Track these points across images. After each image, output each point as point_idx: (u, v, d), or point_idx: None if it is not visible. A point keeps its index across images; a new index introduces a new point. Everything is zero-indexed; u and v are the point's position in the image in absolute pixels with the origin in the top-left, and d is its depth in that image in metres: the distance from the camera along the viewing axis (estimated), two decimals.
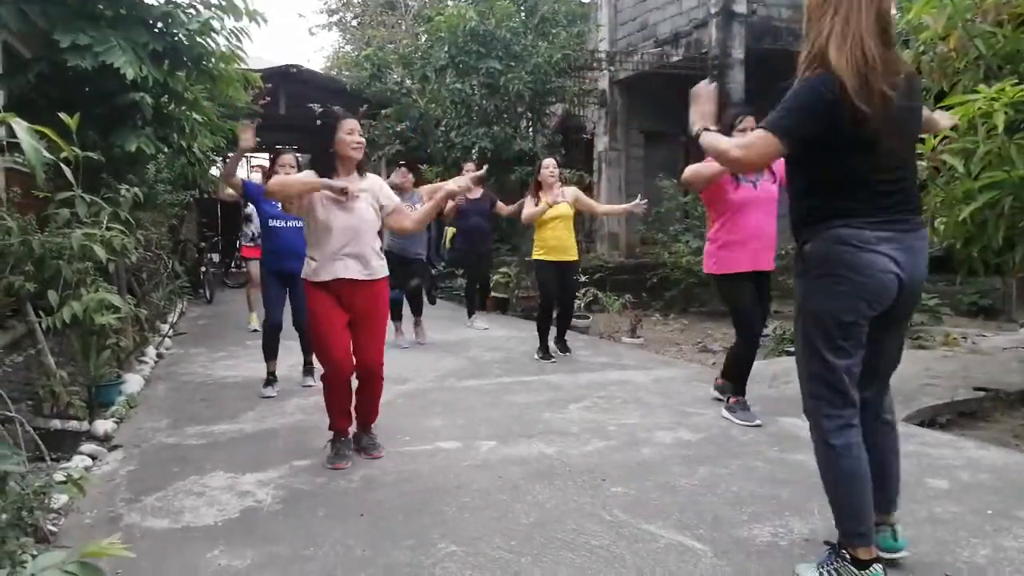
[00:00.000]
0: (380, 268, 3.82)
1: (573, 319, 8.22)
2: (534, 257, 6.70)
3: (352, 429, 3.94)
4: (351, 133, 3.75)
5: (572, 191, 6.68)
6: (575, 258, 6.67)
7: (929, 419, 4.72)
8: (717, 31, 11.14)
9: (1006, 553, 2.71)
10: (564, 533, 2.91)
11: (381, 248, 3.92)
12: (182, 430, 4.39)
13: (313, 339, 3.86)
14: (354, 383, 3.85)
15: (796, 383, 5.47)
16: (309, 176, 3.74)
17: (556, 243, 6.47)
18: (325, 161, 3.80)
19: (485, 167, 5.07)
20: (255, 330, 8.10)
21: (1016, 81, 4.23)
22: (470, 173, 8.40)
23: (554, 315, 6.68)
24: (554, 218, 6.41)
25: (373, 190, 3.84)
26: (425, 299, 7.79)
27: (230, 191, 5.82)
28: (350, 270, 3.71)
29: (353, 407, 3.91)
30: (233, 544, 2.85)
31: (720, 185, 4.49)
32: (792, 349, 6.83)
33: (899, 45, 5.29)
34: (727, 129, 4.52)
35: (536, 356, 6.58)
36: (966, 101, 4.29)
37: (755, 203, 4.53)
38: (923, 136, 4.55)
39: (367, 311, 3.78)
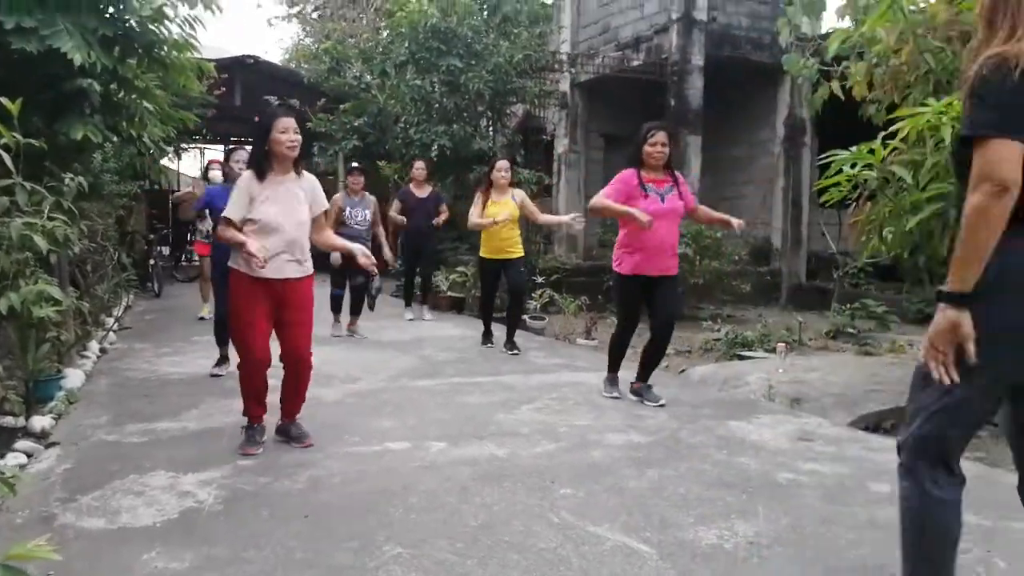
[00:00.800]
0: (310, 265, 3.93)
1: (528, 320, 8.25)
2: (480, 255, 6.99)
3: (267, 417, 4.01)
4: (285, 132, 3.74)
5: (520, 194, 6.90)
6: (520, 254, 6.92)
7: (874, 424, 4.80)
8: (678, 37, 11.24)
9: None
10: (511, 535, 2.89)
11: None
12: (123, 427, 4.27)
13: (233, 327, 3.90)
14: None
15: (745, 387, 5.55)
16: (241, 195, 3.77)
17: (500, 243, 6.73)
18: (260, 160, 3.80)
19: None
20: (202, 318, 8.04)
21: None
22: (417, 171, 8.54)
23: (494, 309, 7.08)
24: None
25: (308, 191, 3.90)
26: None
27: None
28: (288, 270, 3.79)
29: (280, 398, 4.00)
30: (171, 545, 2.77)
31: (627, 200, 4.82)
32: (744, 353, 6.94)
33: (854, 57, 5.42)
34: (640, 143, 4.91)
35: (481, 343, 6.97)
36: (916, 114, 4.38)
37: (663, 216, 4.80)
38: (873, 148, 4.67)
39: (298, 304, 3.87)
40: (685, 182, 5.20)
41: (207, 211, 5.86)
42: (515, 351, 6.78)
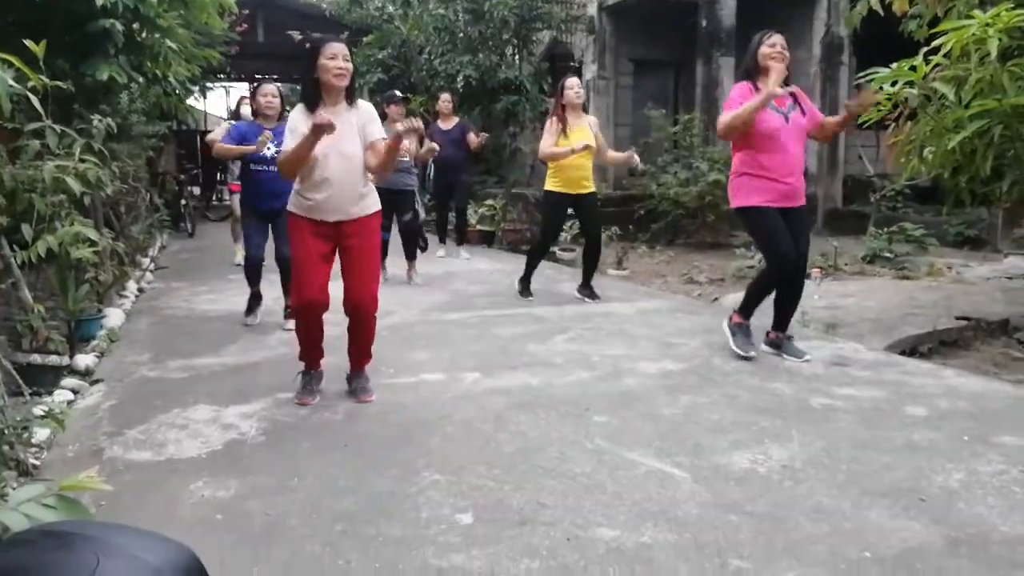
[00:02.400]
0: (372, 203, 3.68)
1: (558, 251, 8.18)
2: (548, 188, 6.08)
3: (324, 363, 3.88)
4: (334, 58, 3.49)
5: (595, 121, 6.11)
6: (593, 189, 6.10)
7: (911, 348, 4.77)
8: None
9: (979, 477, 2.76)
10: (546, 461, 2.94)
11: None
12: (164, 364, 4.38)
13: (292, 271, 3.76)
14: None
15: (772, 316, 5.49)
16: (296, 131, 3.47)
17: (576, 174, 5.89)
18: (310, 90, 3.58)
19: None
20: (239, 264, 8.02)
21: (1012, 6, 4.14)
22: (443, 104, 8.22)
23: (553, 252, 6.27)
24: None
25: (362, 119, 3.63)
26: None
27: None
28: (345, 208, 3.58)
29: (347, 347, 3.82)
30: (217, 475, 2.86)
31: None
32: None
33: None
34: (755, 49, 4.30)
35: (517, 289, 6.35)
36: (960, 27, 4.20)
37: (784, 133, 4.21)
38: (914, 64, 4.48)
39: (358, 248, 3.64)
40: (805, 96, 4.51)
41: None
42: (597, 298, 6.12)
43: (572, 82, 5.96)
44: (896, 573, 2.17)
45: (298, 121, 3.52)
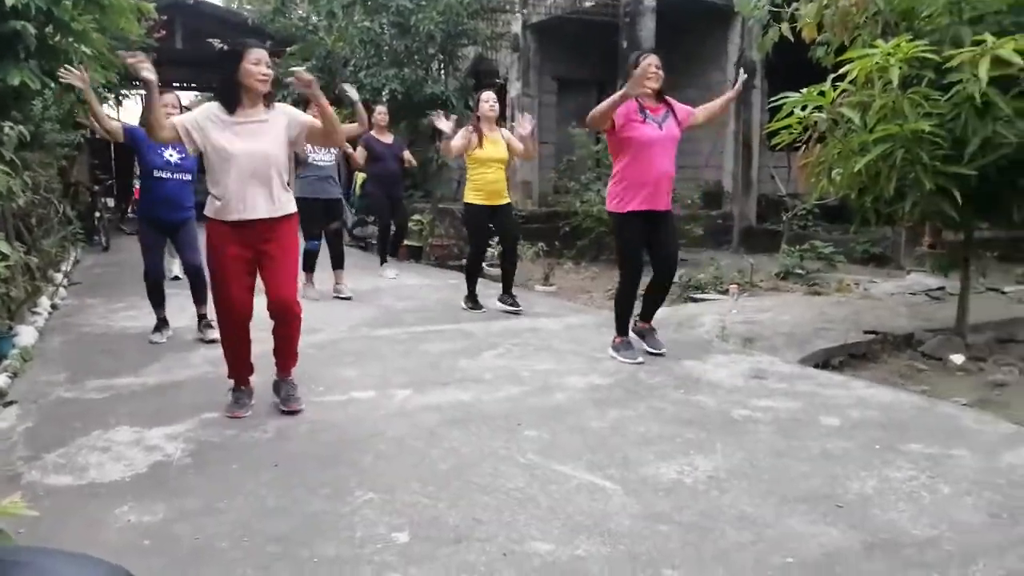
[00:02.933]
0: (288, 203, 3.71)
1: (486, 267, 8.24)
2: (467, 201, 6.36)
3: (253, 378, 3.87)
4: (258, 64, 3.53)
5: (506, 133, 6.38)
6: (509, 201, 6.49)
7: (823, 361, 4.99)
8: None
9: (891, 484, 2.92)
10: (480, 477, 2.97)
11: (292, 191, 3.81)
12: (82, 384, 4.22)
13: (211, 279, 3.72)
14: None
15: (700, 328, 5.69)
16: (209, 119, 3.54)
17: (493, 187, 6.23)
18: (228, 93, 3.58)
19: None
20: (177, 278, 7.77)
21: (911, 38, 4.42)
22: (379, 116, 8.26)
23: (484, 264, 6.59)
24: (492, 160, 6.17)
25: (287, 116, 3.69)
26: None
27: (103, 131, 5.18)
28: (258, 209, 3.59)
29: (273, 351, 3.83)
30: (142, 499, 2.78)
31: (626, 123, 4.56)
32: (697, 296, 7.10)
33: None
34: (631, 68, 4.68)
35: (464, 306, 6.46)
36: (865, 56, 4.46)
37: (659, 143, 4.60)
38: (823, 90, 4.74)
39: (277, 248, 3.67)
40: (677, 102, 4.90)
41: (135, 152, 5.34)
42: (518, 307, 6.38)
43: (487, 96, 6.32)
44: None
45: (208, 113, 3.57)
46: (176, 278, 7.55)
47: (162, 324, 5.31)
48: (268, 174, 3.60)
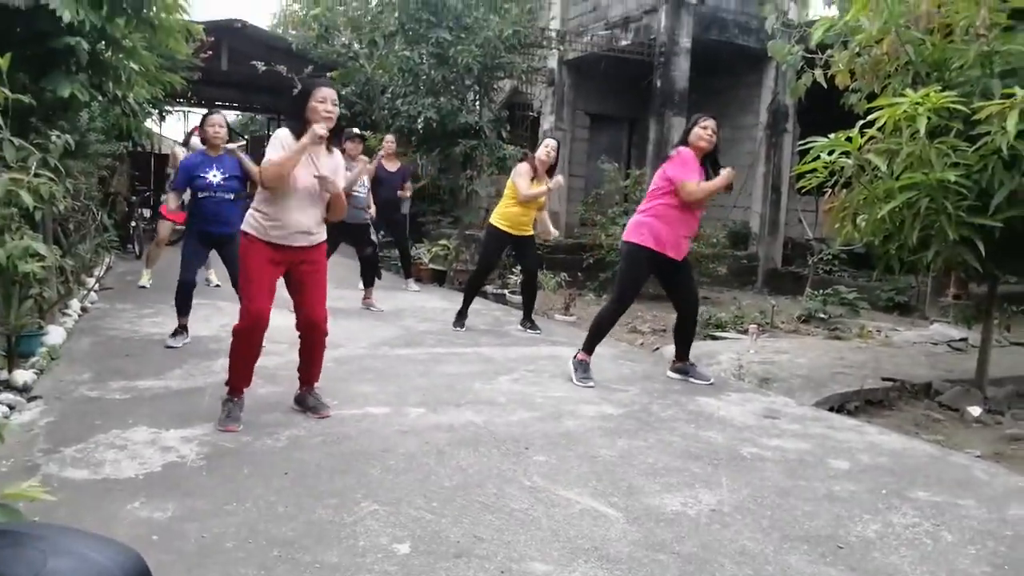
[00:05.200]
0: (321, 233, 3.92)
1: (508, 294, 8.36)
2: (492, 223, 6.60)
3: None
4: (323, 102, 3.66)
5: (552, 183, 6.48)
6: (533, 234, 6.68)
7: (838, 405, 4.97)
8: (666, 18, 11.29)
9: (894, 529, 2.91)
10: (485, 496, 3.01)
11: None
12: (105, 384, 4.33)
13: (243, 292, 3.85)
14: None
15: (717, 366, 5.70)
16: (288, 144, 3.64)
17: (523, 218, 6.48)
18: (299, 123, 3.74)
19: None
20: (143, 287, 7.94)
21: (940, 88, 4.45)
22: (387, 144, 8.64)
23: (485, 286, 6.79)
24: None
25: (332, 165, 3.85)
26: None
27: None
28: (300, 239, 3.78)
29: (297, 367, 4.02)
30: (154, 497, 2.85)
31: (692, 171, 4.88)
32: (718, 334, 7.09)
33: (837, 45, 5.51)
34: (690, 127, 5.02)
35: (453, 325, 6.66)
36: (893, 104, 4.49)
37: (694, 207, 4.94)
38: (850, 135, 4.77)
39: (313, 271, 3.88)
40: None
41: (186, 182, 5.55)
42: (538, 330, 6.73)
43: (550, 143, 6.58)
44: None
45: (285, 140, 3.68)
46: (217, 286, 7.96)
47: (182, 330, 5.45)
48: (317, 203, 3.81)
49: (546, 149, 6.47)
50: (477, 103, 12.16)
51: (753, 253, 12.40)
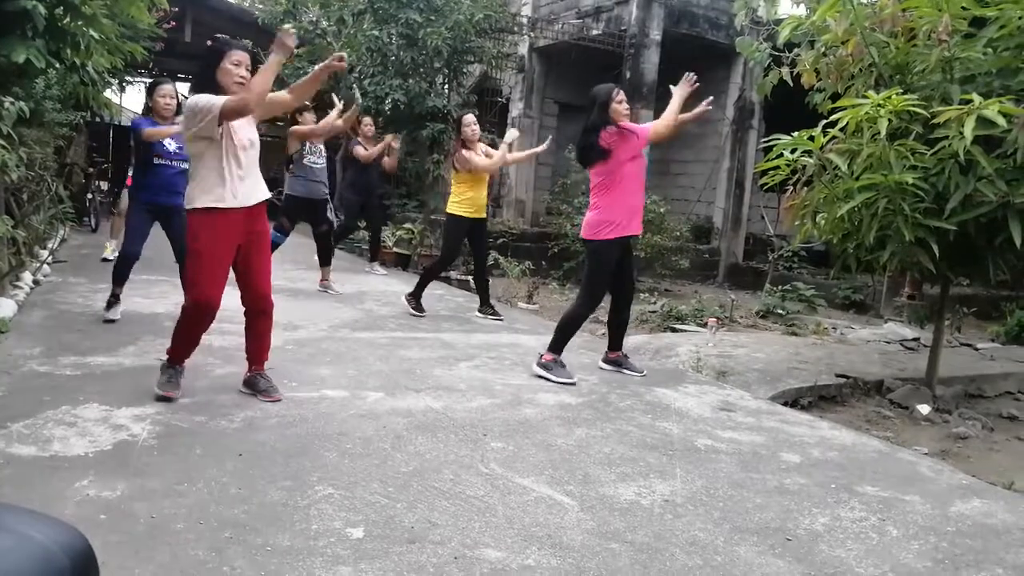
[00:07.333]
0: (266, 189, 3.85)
1: (471, 281, 8.34)
2: (452, 212, 6.57)
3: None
4: (238, 65, 3.52)
5: (484, 148, 6.70)
6: (486, 216, 6.78)
7: (793, 399, 5.05)
8: (637, 10, 11.31)
9: (841, 522, 2.97)
10: (441, 482, 3.00)
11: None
12: (56, 359, 4.24)
13: (191, 268, 3.69)
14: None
15: (675, 358, 5.76)
16: (216, 100, 3.42)
17: (480, 201, 6.56)
18: (207, 89, 3.53)
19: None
20: (106, 260, 7.78)
21: (902, 91, 4.53)
22: (366, 127, 8.57)
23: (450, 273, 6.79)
24: (480, 178, 6.49)
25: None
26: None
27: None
28: (254, 194, 3.68)
29: (245, 347, 3.92)
30: (104, 476, 2.80)
31: (634, 153, 4.77)
32: (677, 326, 7.16)
33: (804, 45, 5.57)
34: (606, 102, 4.82)
35: (409, 308, 6.60)
36: (856, 105, 4.56)
37: (642, 172, 4.89)
38: (812, 134, 4.83)
39: (257, 240, 3.75)
40: (633, 125, 4.99)
41: (132, 143, 5.46)
42: (499, 316, 6.74)
43: (468, 119, 6.57)
44: None
45: (212, 96, 3.47)
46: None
47: (115, 300, 5.37)
48: (256, 159, 3.74)
49: (468, 128, 6.49)
50: (446, 87, 12.08)
51: (715, 247, 12.54)
